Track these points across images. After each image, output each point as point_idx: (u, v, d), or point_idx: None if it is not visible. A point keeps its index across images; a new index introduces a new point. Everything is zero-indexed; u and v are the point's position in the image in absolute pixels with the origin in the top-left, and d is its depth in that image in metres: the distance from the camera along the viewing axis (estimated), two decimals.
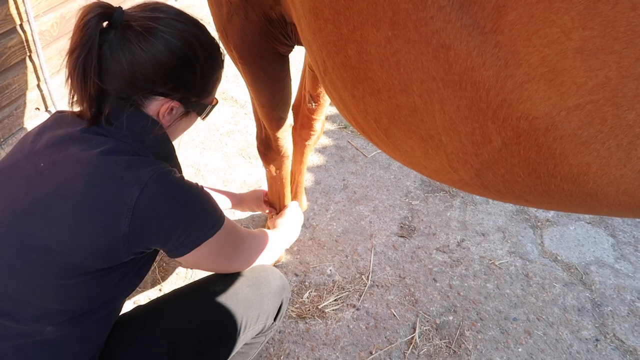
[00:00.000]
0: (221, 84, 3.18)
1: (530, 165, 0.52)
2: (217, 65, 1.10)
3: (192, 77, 1.02)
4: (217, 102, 1.18)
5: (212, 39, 1.09)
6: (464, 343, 1.77)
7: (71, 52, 0.91)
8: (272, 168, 1.72)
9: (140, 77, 0.95)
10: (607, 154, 0.46)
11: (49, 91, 2.09)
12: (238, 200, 1.90)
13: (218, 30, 1.33)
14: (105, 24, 0.95)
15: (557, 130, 0.47)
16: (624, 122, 0.43)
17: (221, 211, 1.07)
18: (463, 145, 0.56)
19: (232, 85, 3.16)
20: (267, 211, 1.89)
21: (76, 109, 1.01)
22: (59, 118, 1.04)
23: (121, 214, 0.88)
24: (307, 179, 2.47)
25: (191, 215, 0.97)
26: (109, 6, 0.94)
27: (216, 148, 2.64)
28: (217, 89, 1.16)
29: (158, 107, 1.01)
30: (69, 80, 0.94)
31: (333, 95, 0.77)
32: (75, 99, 0.97)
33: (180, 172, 1.13)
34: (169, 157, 1.09)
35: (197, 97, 1.07)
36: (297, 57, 3.10)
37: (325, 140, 2.77)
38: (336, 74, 0.69)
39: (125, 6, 1.01)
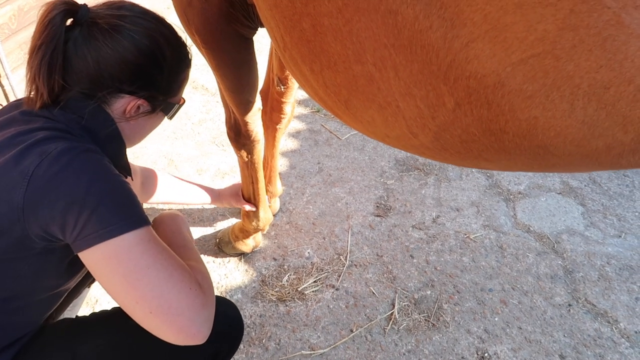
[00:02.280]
0: (191, 73, 3.14)
1: (484, 124, 0.53)
2: (184, 64, 1.08)
3: (159, 75, 1.01)
4: (184, 101, 1.16)
5: (179, 37, 1.07)
6: (442, 316, 1.81)
7: (35, 50, 0.89)
8: (244, 153, 1.71)
9: (106, 75, 0.94)
10: (551, 106, 0.47)
11: (11, 86, 2.04)
12: (217, 196, 1.89)
13: (179, 14, 1.31)
14: (69, 20, 0.93)
15: (504, 87, 0.48)
16: (564, 73, 0.45)
17: (143, 217, 0.90)
18: (419, 109, 0.57)
19: (203, 73, 3.12)
20: (246, 207, 1.87)
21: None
22: (14, 105, 1.02)
23: (17, 184, 0.82)
24: (281, 164, 2.47)
25: (91, 199, 0.83)
26: (74, 3, 0.92)
27: (188, 137, 2.61)
28: (184, 89, 1.15)
29: (124, 104, 0.99)
30: (33, 78, 0.91)
31: (294, 71, 0.78)
32: (33, 94, 0.94)
33: (129, 173, 1.07)
34: (118, 156, 1.03)
35: (164, 96, 1.05)
36: (264, 42, 3.08)
37: (298, 125, 2.77)
38: (295, 49, 0.69)
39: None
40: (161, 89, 1.04)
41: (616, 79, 0.43)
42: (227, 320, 1.14)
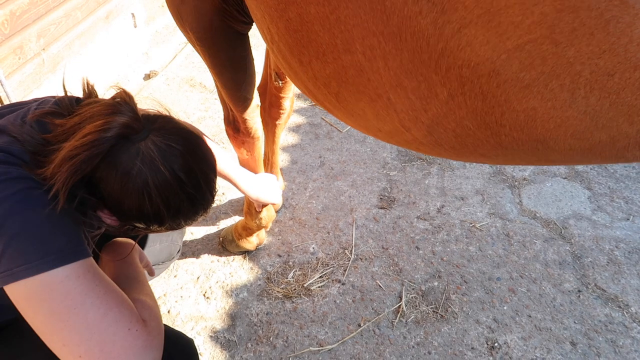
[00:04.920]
0: (188, 71, 3.13)
1: (479, 116, 0.50)
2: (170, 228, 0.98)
3: (133, 223, 0.94)
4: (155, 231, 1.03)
5: (199, 208, 0.97)
6: (450, 307, 1.79)
7: (75, 152, 0.82)
8: (244, 151, 1.69)
9: (97, 186, 0.88)
10: (551, 96, 0.44)
11: (6, 93, 2.01)
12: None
13: (172, 12, 1.29)
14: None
15: (499, 76, 0.45)
16: (564, 59, 0.41)
17: (71, 251, 0.83)
18: (411, 101, 0.54)
19: (200, 71, 3.09)
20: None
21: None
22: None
23: None
24: (283, 159, 2.45)
25: (4, 232, 0.78)
26: (135, 128, 0.86)
27: None
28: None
29: (97, 206, 0.93)
30: (58, 166, 0.83)
31: (283, 65, 0.75)
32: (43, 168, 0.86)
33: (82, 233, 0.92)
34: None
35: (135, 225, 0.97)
36: (260, 37, 3.04)
37: (298, 119, 2.74)
38: (282, 41, 0.67)
39: None
40: (140, 224, 0.95)
41: (621, 65, 0.39)
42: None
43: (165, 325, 1.01)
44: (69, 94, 0.99)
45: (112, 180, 0.85)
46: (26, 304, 0.80)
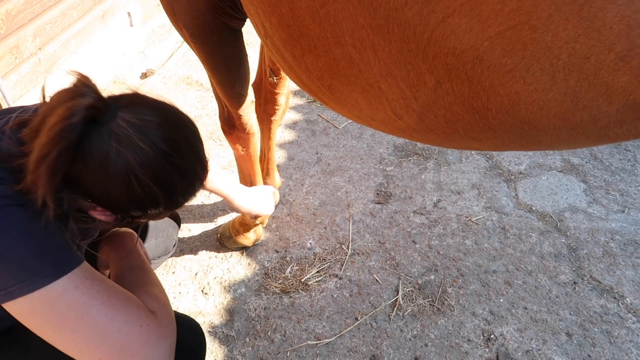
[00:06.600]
0: (185, 69, 3.14)
1: (466, 101, 0.52)
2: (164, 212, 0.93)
3: (129, 213, 0.89)
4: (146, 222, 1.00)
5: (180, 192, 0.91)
6: (446, 300, 1.81)
7: (45, 153, 0.75)
8: (239, 147, 1.70)
9: (79, 182, 0.83)
10: (532, 79, 0.46)
11: (2, 92, 2.02)
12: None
13: (165, 9, 1.30)
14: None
15: (483, 62, 0.47)
16: (542, 44, 0.43)
17: (64, 262, 0.80)
18: (401, 90, 0.56)
19: (197, 69, 3.10)
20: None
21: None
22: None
23: None
24: (280, 156, 2.46)
25: None
26: (98, 107, 0.78)
27: None
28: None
29: (86, 205, 0.89)
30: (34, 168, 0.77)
31: (277, 59, 0.76)
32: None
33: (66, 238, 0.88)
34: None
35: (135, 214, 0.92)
36: (255, 34, 3.04)
37: (294, 115, 2.75)
38: (275, 35, 0.68)
39: None
40: (136, 212, 0.89)
41: (596, 47, 0.41)
42: (186, 348, 1.06)
43: (173, 311, 1.01)
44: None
45: (92, 170, 0.79)
46: (32, 320, 0.78)
